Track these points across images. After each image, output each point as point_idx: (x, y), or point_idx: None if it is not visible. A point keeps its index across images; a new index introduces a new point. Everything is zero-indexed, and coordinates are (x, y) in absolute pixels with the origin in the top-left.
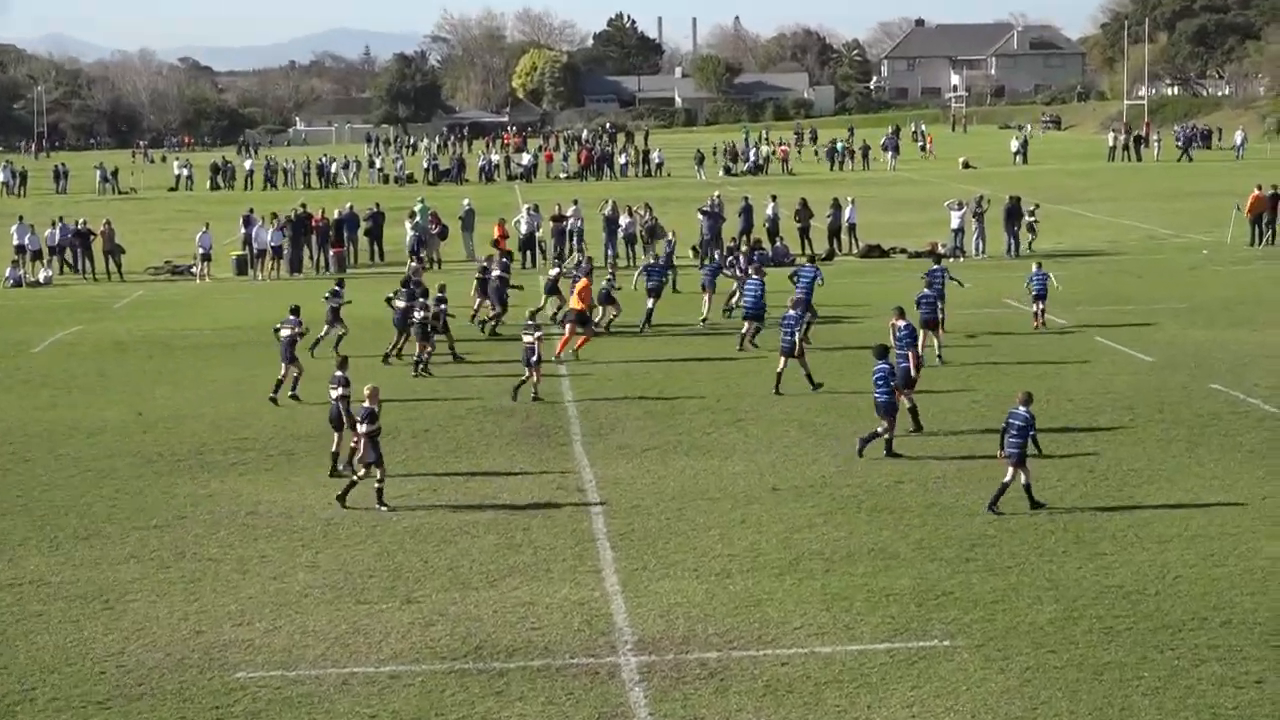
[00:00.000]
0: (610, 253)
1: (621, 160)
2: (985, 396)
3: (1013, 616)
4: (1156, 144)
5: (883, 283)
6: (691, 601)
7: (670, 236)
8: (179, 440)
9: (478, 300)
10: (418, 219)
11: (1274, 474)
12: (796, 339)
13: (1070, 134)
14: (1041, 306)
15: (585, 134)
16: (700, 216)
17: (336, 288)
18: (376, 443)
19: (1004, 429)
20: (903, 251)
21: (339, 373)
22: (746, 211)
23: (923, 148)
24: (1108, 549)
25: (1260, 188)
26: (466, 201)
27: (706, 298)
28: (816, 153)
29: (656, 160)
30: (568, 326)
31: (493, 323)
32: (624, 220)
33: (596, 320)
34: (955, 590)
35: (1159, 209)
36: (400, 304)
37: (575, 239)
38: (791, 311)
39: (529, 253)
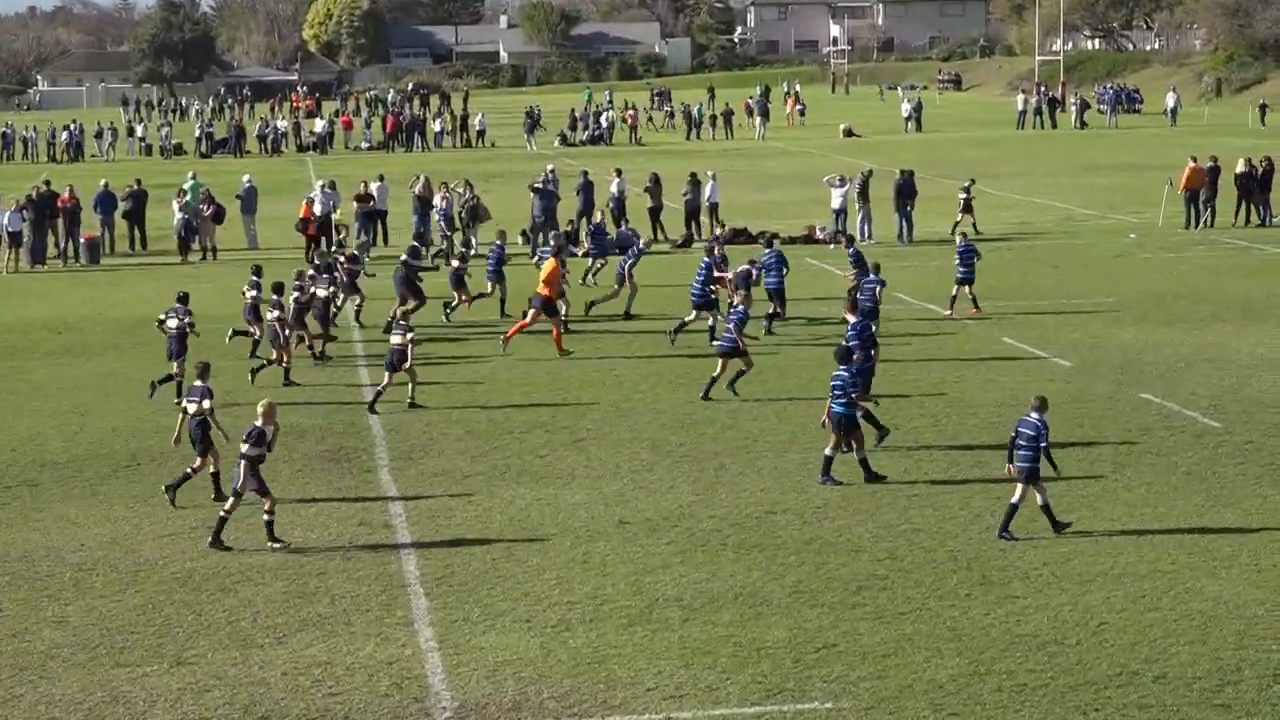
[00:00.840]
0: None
1: (436, 127)
2: (874, 409)
3: (907, 673)
4: (1074, 108)
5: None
6: (523, 659)
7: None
8: None
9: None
10: (188, 199)
11: (1215, 500)
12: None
13: (972, 96)
14: (970, 291)
15: (392, 96)
16: (532, 195)
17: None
18: (258, 470)
19: (1012, 439)
20: (775, 236)
21: (199, 383)
22: (586, 189)
23: (802, 112)
24: (1020, 591)
25: (1196, 160)
26: (247, 178)
27: (495, 287)
28: (671, 114)
29: (478, 127)
30: (529, 313)
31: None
32: (439, 200)
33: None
34: (839, 642)
35: (1078, 185)
36: (321, 292)
37: (454, 221)
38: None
39: (324, 239)
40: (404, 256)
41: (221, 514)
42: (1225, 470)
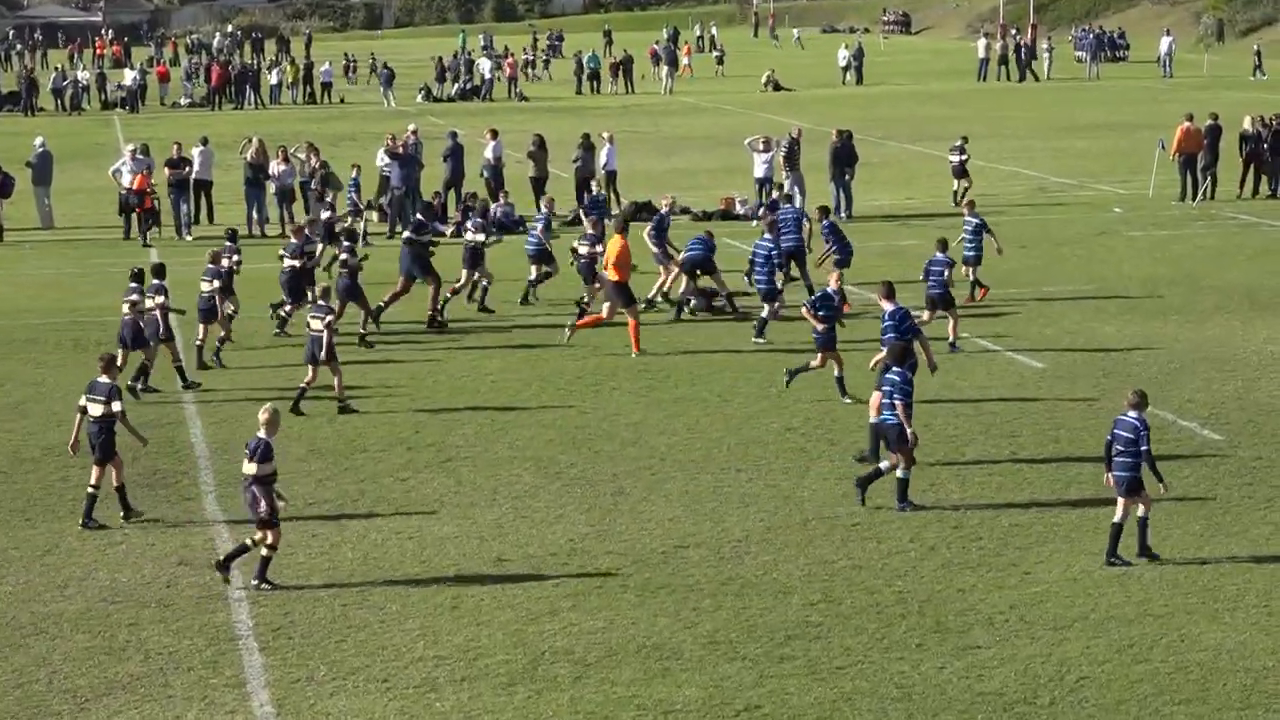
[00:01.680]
0: (257, 214)
1: (273, 80)
2: (804, 422)
3: None
4: (1047, 55)
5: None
6: None
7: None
8: None
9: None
10: None
11: (1217, 529)
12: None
13: (925, 40)
14: (974, 274)
15: (218, 41)
16: (387, 161)
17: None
18: (272, 492)
19: (1108, 444)
20: (685, 210)
21: (105, 379)
22: (455, 153)
23: (719, 59)
24: (982, 639)
25: (1191, 119)
26: (40, 141)
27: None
28: (549, 59)
29: (324, 80)
30: (606, 307)
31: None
32: (277, 167)
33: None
34: (763, 703)
35: (1053, 149)
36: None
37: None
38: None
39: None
40: (407, 233)
41: (263, 553)
42: (1229, 493)
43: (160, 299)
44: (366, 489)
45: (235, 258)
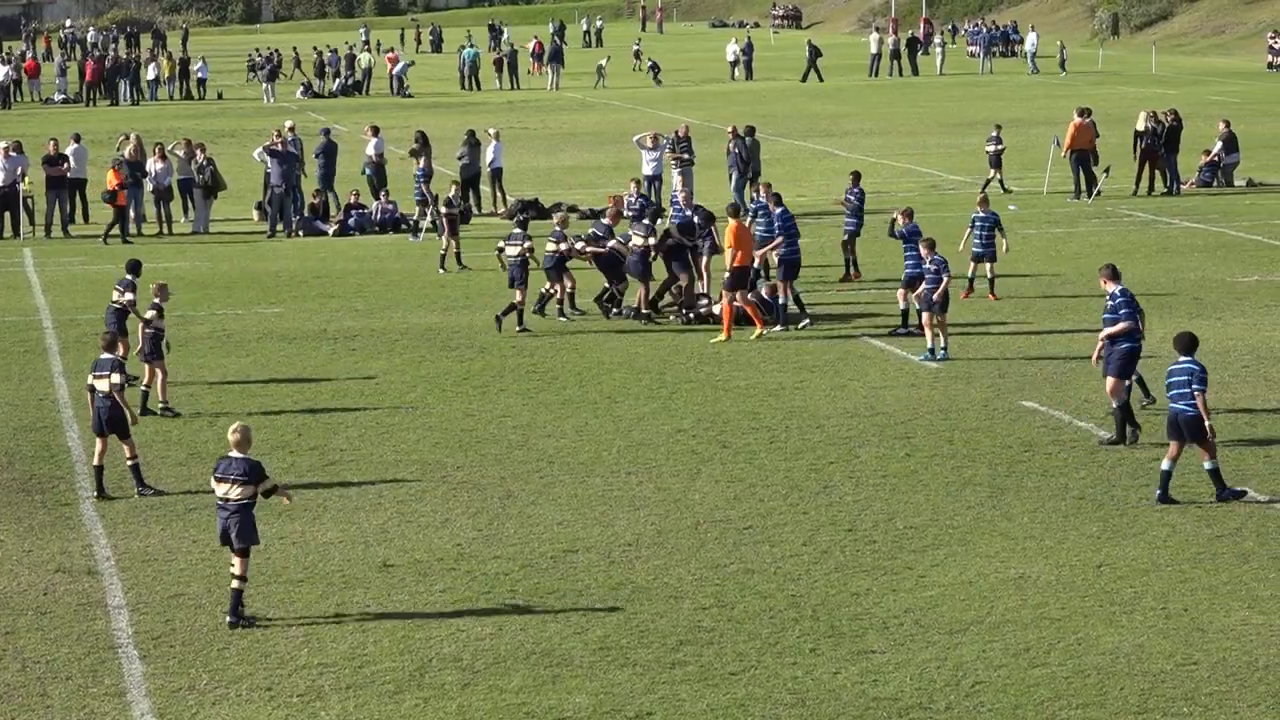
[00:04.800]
0: (134, 213)
1: (150, 75)
2: (694, 424)
3: None
4: (939, 49)
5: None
6: None
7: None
8: None
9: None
10: None
11: (1114, 531)
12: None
13: (816, 35)
14: (989, 271)
15: (93, 35)
16: (266, 159)
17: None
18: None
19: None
20: (573, 209)
21: (108, 355)
22: (328, 151)
23: (655, 70)
24: (876, 644)
25: (1084, 114)
26: None
27: None
28: (420, 42)
29: (200, 74)
30: (724, 298)
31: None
32: (154, 165)
33: None
34: (655, 710)
35: (945, 145)
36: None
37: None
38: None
39: (7, 215)
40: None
41: (235, 585)
42: (1125, 494)
43: (130, 296)
44: None
45: (130, 296)
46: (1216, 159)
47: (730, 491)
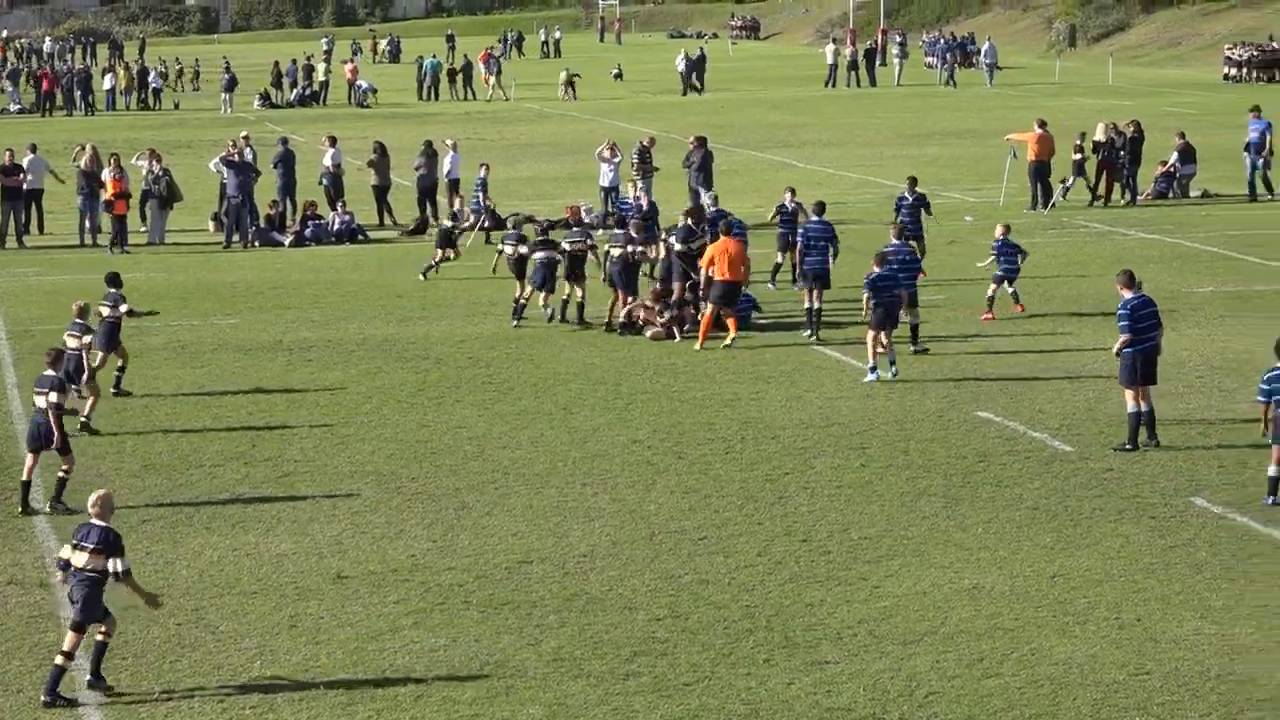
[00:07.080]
0: (90, 224)
1: (106, 85)
2: (650, 434)
3: None
4: (897, 61)
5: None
6: None
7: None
8: None
9: None
10: None
11: (1068, 542)
12: None
13: (773, 46)
14: (1011, 289)
15: (49, 45)
16: (223, 169)
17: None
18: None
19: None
20: (529, 219)
21: (51, 372)
22: (285, 160)
23: (571, 87)
24: (830, 654)
25: (1043, 125)
26: None
27: None
28: (378, 51)
29: (154, 85)
30: (709, 307)
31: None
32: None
33: None
34: None
35: (903, 157)
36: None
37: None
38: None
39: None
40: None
41: (58, 660)
42: (1080, 504)
43: (124, 308)
44: (201, 505)
45: (123, 307)
46: (1172, 170)
47: (685, 502)
